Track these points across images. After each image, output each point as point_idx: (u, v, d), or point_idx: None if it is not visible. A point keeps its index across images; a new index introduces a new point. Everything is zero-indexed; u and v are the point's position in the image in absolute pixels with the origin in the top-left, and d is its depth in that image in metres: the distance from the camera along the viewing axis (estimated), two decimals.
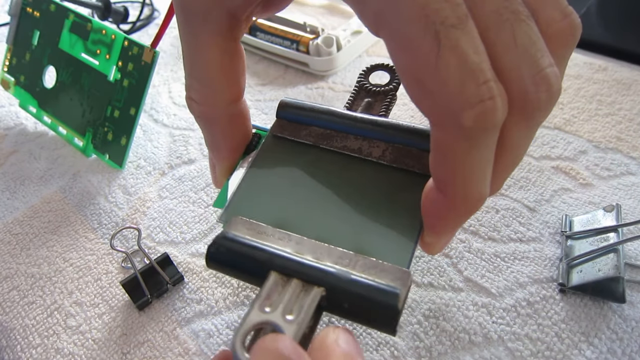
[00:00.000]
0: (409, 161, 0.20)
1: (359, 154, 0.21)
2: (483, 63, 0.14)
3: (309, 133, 0.22)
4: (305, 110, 0.22)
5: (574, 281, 0.23)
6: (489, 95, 0.14)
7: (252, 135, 0.23)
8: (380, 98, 0.22)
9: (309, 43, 0.39)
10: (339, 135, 0.21)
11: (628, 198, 0.28)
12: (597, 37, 0.40)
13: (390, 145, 0.20)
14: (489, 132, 0.14)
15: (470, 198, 0.16)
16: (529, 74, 0.14)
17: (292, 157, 0.21)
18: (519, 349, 0.22)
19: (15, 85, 0.38)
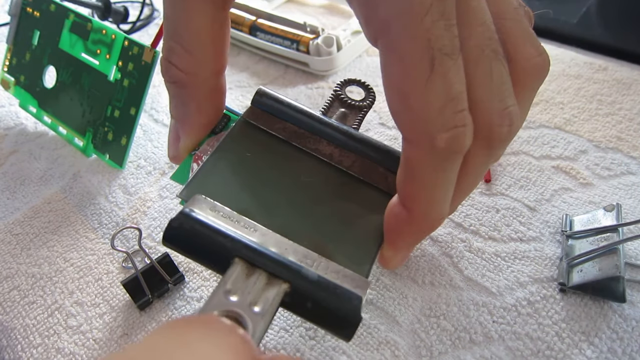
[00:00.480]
0: (375, 177, 0.21)
1: (330, 159, 0.21)
2: (463, 93, 0.15)
3: (282, 128, 0.21)
4: (282, 104, 0.22)
5: (574, 280, 0.23)
6: (462, 123, 0.15)
7: (223, 116, 0.22)
8: (355, 112, 0.23)
9: (309, 43, 0.39)
10: (312, 138, 0.21)
11: (628, 197, 0.28)
12: (597, 37, 0.40)
13: (360, 158, 0.21)
14: (456, 156, 0.16)
15: (431, 215, 0.17)
16: (497, 108, 0.16)
17: (262, 147, 0.21)
18: (520, 348, 0.22)
19: (15, 85, 0.38)
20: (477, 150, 0.16)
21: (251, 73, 0.41)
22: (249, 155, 0.20)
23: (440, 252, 0.26)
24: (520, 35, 0.17)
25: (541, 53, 0.17)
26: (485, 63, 0.15)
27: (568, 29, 0.41)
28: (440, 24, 0.14)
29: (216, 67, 0.20)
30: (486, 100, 0.16)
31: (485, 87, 0.16)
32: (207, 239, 0.17)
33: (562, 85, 0.36)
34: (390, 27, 0.15)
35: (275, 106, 0.22)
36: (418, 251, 0.26)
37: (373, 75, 0.39)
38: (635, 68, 0.37)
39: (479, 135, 0.16)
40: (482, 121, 0.16)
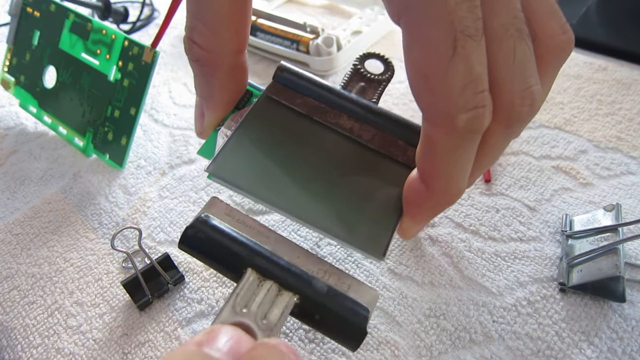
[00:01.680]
0: (395, 151, 0.21)
1: (350, 133, 0.21)
2: (484, 75, 0.15)
3: (303, 102, 0.22)
4: (303, 79, 0.22)
5: (574, 280, 0.23)
6: (482, 104, 0.15)
7: (245, 92, 0.23)
8: (374, 85, 0.23)
9: (309, 43, 0.39)
10: (332, 112, 0.21)
11: (628, 197, 0.28)
12: (597, 37, 0.40)
13: (380, 132, 0.21)
14: (475, 135, 0.16)
15: (450, 191, 0.18)
16: (519, 88, 0.16)
17: (284, 122, 0.21)
18: (520, 348, 0.22)
19: (16, 85, 0.38)
20: (496, 129, 0.17)
21: (251, 73, 0.41)
22: (272, 130, 0.21)
23: (440, 252, 0.26)
24: (545, 12, 0.17)
25: (566, 31, 0.17)
26: (508, 43, 0.15)
27: None
28: (463, 6, 0.14)
29: (238, 45, 0.21)
30: (507, 80, 0.16)
31: (507, 67, 0.16)
32: (221, 248, 0.18)
33: (562, 85, 0.36)
34: (414, 7, 0.15)
35: (296, 81, 0.22)
36: (418, 251, 0.26)
37: None
38: (635, 68, 0.37)
39: (498, 114, 0.16)
40: (502, 101, 0.16)
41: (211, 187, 0.31)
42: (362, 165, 0.21)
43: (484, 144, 0.17)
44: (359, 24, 0.42)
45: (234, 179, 0.19)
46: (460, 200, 0.28)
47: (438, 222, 0.27)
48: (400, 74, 0.39)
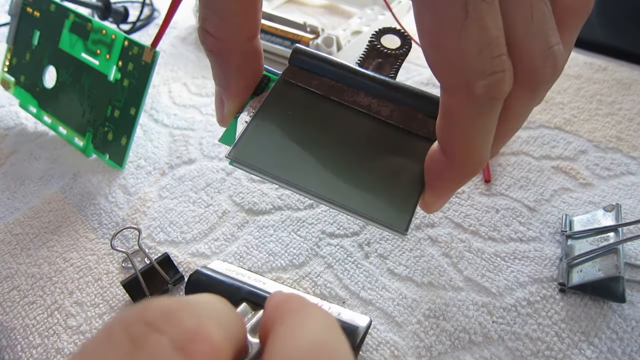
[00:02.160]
0: (415, 124, 0.21)
1: (368, 110, 0.21)
2: (500, 38, 0.15)
3: (320, 83, 0.22)
4: (319, 60, 0.22)
5: (574, 281, 0.23)
6: (501, 68, 0.15)
7: (262, 77, 0.23)
8: (391, 61, 0.23)
9: (309, 43, 0.39)
10: (349, 90, 0.21)
11: (628, 198, 0.28)
12: (597, 37, 0.40)
13: (399, 106, 0.21)
14: (496, 102, 0.15)
15: (471, 162, 0.17)
16: (540, 49, 0.15)
17: (302, 104, 0.21)
18: (519, 348, 0.22)
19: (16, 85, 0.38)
20: (519, 94, 0.16)
21: None
22: (290, 113, 0.21)
23: (440, 252, 0.26)
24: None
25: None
26: (525, 2, 0.15)
27: None
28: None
29: (250, 31, 0.21)
30: (527, 41, 0.15)
31: (525, 28, 0.15)
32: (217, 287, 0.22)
33: (562, 85, 0.36)
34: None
35: (312, 62, 0.22)
36: (418, 251, 0.26)
37: None
38: (635, 68, 0.37)
39: (520, 78, 0.15)
40: (523, 64, 0.15)
41: (211, 187, 0.31)
42: (383, 142, 0.21)
43: (506, 110, 0.16)
44: (359, 24, 0.42)
45: (254, 162, 0.20)
46: (460, 201, 0.28)
47: (438, 222, 0.27)
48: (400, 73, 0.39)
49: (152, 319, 0.11)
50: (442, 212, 0.28)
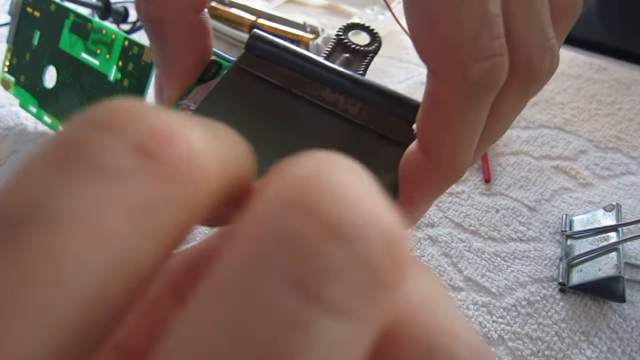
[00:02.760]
0: (385, 126, 0.19)
1: (334, 107, 0.19)
2: (499, 17, 0.13)
3: (280, 74, 0.19)
4: (280, 48, 0.20)
5: (574, 280, 0.23)
6: (500, 52, 0.13)
7: (211, 63, 0.20)
8: (359, 57, 0.21)
9: (309, 43, 0.39)
10: (313, 84, 0.19)
11: (628, 197, 0.28)
12: (597, 37, 0.40)
13: (368, 105, 0.19)
14: (490, 92, 0.14)
15: (456, 163, 0.15)
16: (539, 40, 0.14)
17: (257, 96, 0.19)
18: (519, 348, 0.22)
19: (16, 85, 0.38)
20: (512, 88, 0.14)
21: None
22: (243, 104, 0.19)
23: (440, 252, 0.26)
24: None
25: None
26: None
27: None
28: None
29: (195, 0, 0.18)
30: (525, 30, 0.14)
31: (525, 15, 0.14)
32: None
33: (562, 85, 0.36)
34: None
35: (272, 50, 0.19)
36: (418, 251, 0.26)
37: (374, 76, 0.39)
38: (635, 68, 0.37)
39: (516, 70, 0.14)
40: (520, 54, 0.14)
41: None
42: (349, 144, 0.18)
43: (497, 105, 0.15)
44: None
45: None
46: (460, 200, 0.28)
47: (438, 222, 0.27)
48: (399, 73, 0.39)
49: (99, 118, 0.07)
50: (442, 212, 0.28)
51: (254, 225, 0.07)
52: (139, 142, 0.07)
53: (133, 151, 0.07)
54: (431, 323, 0.08)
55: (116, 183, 0.07)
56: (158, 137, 0.07)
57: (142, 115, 0.07)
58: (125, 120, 0.07)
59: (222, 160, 0.08)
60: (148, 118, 0.07)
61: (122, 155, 0.07)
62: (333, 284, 0.06)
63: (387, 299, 0.07)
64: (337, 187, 0.07)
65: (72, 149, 0.07)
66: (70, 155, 0.07)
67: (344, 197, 0.07)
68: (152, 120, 0.07)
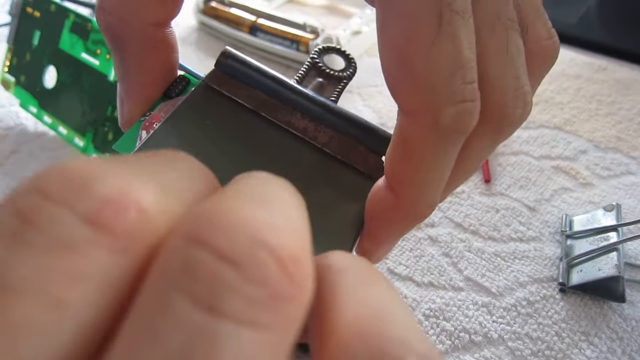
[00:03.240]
0: (355, 157, 0.18)
1: (303, 134, 0.18)
2: (473, 62, 0.13)
3: (250, 95, 0.19)
4: (251, 68, 0.19)
5: (574, 280, 0.23)
6: (472, 97, 0.13)
7: (179, 79, 0.19)
8: (333, 82, 0.20)
9: (309, 43, 0.39)
10: (284, 108, 0.19)
11: (628, 197, 0.28)
12: (597, 37, 0.40)
13: (339, 134, 0.18)
14: (460, 136, 0.14)
15: (424, 203, 0.15)
16: (512, 86, 0.14)
17: (224, 116, 0.18)
18: (520, 348, 0.22)
19: (16, 85, 0.38)
20: (482, 133, 0.14)
21: None
22: (208, 124, 0.18)
23: (440, 252, 0.26)
24: (531, 14, 0.15)
25: (552, 36, 0.15)
26: (501, 33, 0.14)
27: (568, 29, 0.41)
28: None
29: (157, 13, 0.17)
30: (499, 76, 0.14)
31: (499, 61, 0.14)
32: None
33: (562, 85, 0.36)
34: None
35: (243, 70, 0.19)
36: (418, 251, 0.26)
37: (374, 76, 0.39)
38: (635, 68, 0.37)
39: (487, 116, 0.14)
40: (493, 100, 0.14)
41: None
42: (316, 173, 0.18)
43: (466, 149, 0.15)
44: (359, 24, 0.42)
45: None
46: (460, 200, 0.28)
47: (438, 222, 0.27)
48: None
49: (46, 185, 0.08)
50: (442, 212, 0.28)
51: (162, 260, 0.08)
52: (89, 213, 0.08)
53: (84, 221, 0.08)
54: (382, 331, 0.08)
55: (69, 253, 0.07)
56: (107, 207, 0.08)
57: (91, 181, 0.08)
58: (75, 188, 0.08)
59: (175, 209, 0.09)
60: (97, 184, 0.08)
61: (73, 226, 0.07)
62: (230, 297, 0.07)
63: (291, 309, 0.08)
64: (230, 217, 0.08)
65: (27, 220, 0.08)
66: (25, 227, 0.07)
67: (234, 226, 0.08)
68: (100, 187, 0.08)
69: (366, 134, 0.18)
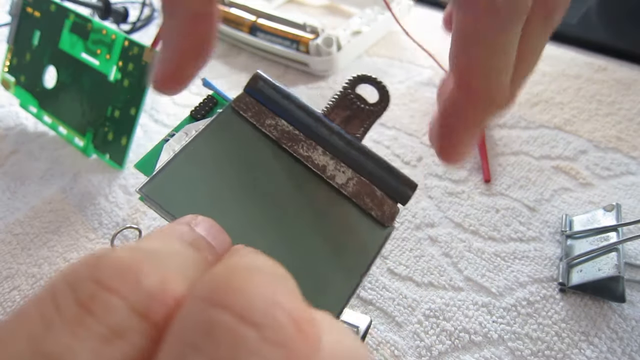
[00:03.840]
0: (370, 202, 0.18)
1: (322, 172, 0.18)
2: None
3: (274, 125, 0.18)
4: (281, 96, 0.19)
5: (574, 280, 0.23)
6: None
7: (207, 99, 0.20)
8: (362, 117, 0.19)
9: (309, 43, 0.39)
10: (306, 142, 0.18)
11: (628, 197, 0.28)
12: (597, 37, 0.40)
13: (357, 176, 0.18)
14: (518, 17, 0.14)
15: (493, 86, 0.16)
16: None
17: (246, 146, 0.18)
18: (519, 348, 0.22)
19: (16, 85, 0.38)
20: (534, 20, 0.15)
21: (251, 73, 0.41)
22: (230, 153, 0.18)
23: (440, 252, 0.26)
24: None
25: None
26: None
27: (568, 29, 0.41)
28: None
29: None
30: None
31: None
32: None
33: (562, 85, 0.36)
34: None
35: (272, 96, 0.19)
36: (418, 251, 0.26)
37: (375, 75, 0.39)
38: (635, 68, 0.37)
39: (535, 2, 0.15)
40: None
41: None
42: (329, 214, 0.18)
43: (524, 38, 0.15)
44: (359, 24, 0.42)
45: (170, 207, 0.16)
46: (460, 200, 0.28)
47: (438, 222, 0.27)
48: (399, 73, 0.39)
49: (105, 276, 0.09)
50: (442, 212, 0.28)
51: (180, 323, 0.09)
52: (140, 306, 0.09)
53: (134, 312, 0.09)
54: None
55: (119, 339, 0.09)
56: (154, 301, 0.09)
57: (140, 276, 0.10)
58: (129, 282, 0.09)
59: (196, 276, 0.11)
60: (145, 279, 0.10)
61: (126, 316, 0.09)
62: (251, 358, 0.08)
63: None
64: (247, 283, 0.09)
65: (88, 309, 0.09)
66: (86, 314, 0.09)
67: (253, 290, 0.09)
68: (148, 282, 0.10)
69: (387, 178, 0.18)
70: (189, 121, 0.19)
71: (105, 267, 0.10)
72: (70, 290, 0.09)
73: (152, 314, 0.09)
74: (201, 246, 0.12)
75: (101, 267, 0.10)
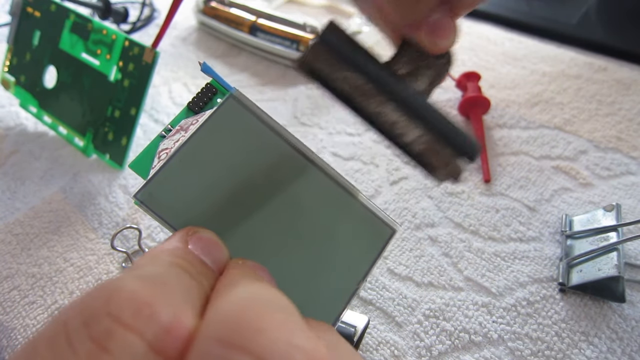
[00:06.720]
0: (436, 160, 0.17)
1: (391, 129, 0.17)
2: None
3: (345, 79, 0.17)
4: (356, 46, 0.17)
5: (574, 281, 0.23)
6: None
7: (206, 88, 0.18)
8: (428, 73, 0.18)
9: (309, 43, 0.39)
10: (379, 97, 0.17)
11: (628, 198, 0.28)
12: (597, 37, 0.40)
13: (429, 133, 0.17)
14: None
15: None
16: None
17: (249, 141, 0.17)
18: (519, 348, 0.22)
19: (16, 85, 0.38)
20: None
21: (251, 73, 0.41)
22: (231, 151, 0.17)
23: (440, 252, 0.26)
24: None
25: None
26: None
27: (568, 29, 0.41)
28: None
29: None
30: None
31: None
32: None
33: (562, 85, 0.36)
34: None
35: (348, 47, 0.17)
36: (418, 251, 0.26)
37: None
38: (635, 68, 0.37)
39: None
40: None
41: None
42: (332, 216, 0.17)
43: None
44: (359, 24, 0.42)
45: (166, 213, 0.16)
46: (460, 200, 0.28)
47: (438, 222, 0.27)
48: None
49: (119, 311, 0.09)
50: (442, 212, 0.28)
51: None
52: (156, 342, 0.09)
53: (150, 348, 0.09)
54: None
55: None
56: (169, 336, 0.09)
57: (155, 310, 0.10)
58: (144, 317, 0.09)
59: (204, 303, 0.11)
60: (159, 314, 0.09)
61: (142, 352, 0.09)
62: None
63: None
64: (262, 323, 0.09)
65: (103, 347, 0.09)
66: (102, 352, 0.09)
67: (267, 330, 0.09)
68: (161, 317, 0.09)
69: (455, 136, 0.17)
70: (185, 114, 0.18)
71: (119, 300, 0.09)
72: (84, 326, 0.09)
73: (169, 350, 0.09)
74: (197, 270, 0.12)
75: (115, 301, 0.09)
